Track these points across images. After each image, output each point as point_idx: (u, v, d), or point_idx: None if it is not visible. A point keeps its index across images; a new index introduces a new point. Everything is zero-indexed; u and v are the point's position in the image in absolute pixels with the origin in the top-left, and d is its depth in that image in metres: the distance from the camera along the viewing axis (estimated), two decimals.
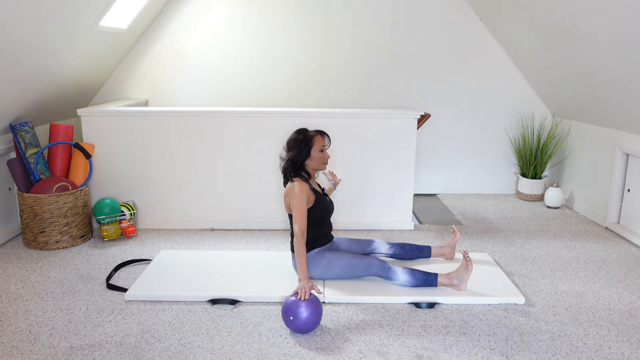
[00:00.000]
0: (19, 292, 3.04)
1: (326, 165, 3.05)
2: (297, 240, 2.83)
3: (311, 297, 2.61)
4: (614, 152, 4.17)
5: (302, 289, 2.62)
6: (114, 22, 4.20)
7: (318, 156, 2.99)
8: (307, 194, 2.92)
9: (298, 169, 3.00)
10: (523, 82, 5.14)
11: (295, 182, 2.96)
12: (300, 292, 2.60)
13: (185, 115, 4.04)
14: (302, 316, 2.53)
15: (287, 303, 2.59)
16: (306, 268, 2.77)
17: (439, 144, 5.28)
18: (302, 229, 2.85)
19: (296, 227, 2.85)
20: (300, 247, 2.82)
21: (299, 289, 2.63)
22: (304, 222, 2.87)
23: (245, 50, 5.09)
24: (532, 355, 2.42)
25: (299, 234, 2.84)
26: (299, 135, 3.00)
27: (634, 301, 2.97)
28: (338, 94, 5.16)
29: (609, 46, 3.44)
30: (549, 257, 3.62)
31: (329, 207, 3.13)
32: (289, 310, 2.56)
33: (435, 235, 4.06)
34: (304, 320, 2.53)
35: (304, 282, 2.67)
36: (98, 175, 4.10)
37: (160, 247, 3.77)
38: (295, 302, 2.56)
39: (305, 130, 3.03)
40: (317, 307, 2.59)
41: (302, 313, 2.53)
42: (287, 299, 2.63)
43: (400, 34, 5.04)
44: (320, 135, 3.02)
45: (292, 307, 2.56)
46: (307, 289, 2.63)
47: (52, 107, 4.27)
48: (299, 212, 2.87)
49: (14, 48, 3.22)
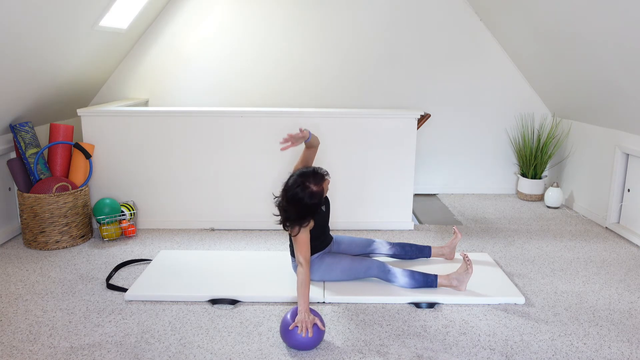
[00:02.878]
0: (19, 292, 3.04)
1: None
2: (301, 270, 2.59)
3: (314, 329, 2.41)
4: (614, 152, 4.17)
5: (303, 323, 2.39)
6: (114, 22, 4.20)
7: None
8: (308, 228, 2.69)
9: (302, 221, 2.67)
10: (523, 82, 5.14)
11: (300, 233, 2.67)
12: (300, 326, 2.38)
13: (185, 115, 4.04)
14: (302, 341, 2.38)
15: (285, 330, 2.42)
16: (308, 300, 2.48)
17: (439, 144, 5.28)
18: (307, 258, 2.61)
19: (300, 257, 2.61)
20: (304, 277, 2.55)
21: (298, 322, 2.39)
22: (308, 251, 2.65)
23: (245, 50, 5.09)
24: (532, 355, 2.42)
25: (304, 263, 2.59)
26: (305, 196, 2.62)
27: (634, 301, 2.97)
28: (338, 94, 5.16)
29: (609, 46, 3.44)
30: (549, 257, 3.62)
31: (326, 219, 3.05)
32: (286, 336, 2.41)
33: (435, 235, 4.06)
34: (303, 346, 2.40)
35: (304, 315, 2.41)
36: (98, 175, 4.10)
37: (160, 247, 3.77)
38: (294, 333, 2.38)
39: (311, 192, 2.63)
40: (317, 334, 2.41)
41: (301, 343, 2.39)
42: (284, 320, 2.45)
43: (400, 34, 5.04)
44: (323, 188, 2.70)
45: (291, 335, 2.39)
46: (309, 323, 2.39)
47: (52, 107, 4.27)
48: (303, 243, 2.64)
49: (14, 48, 3.22)
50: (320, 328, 2.42)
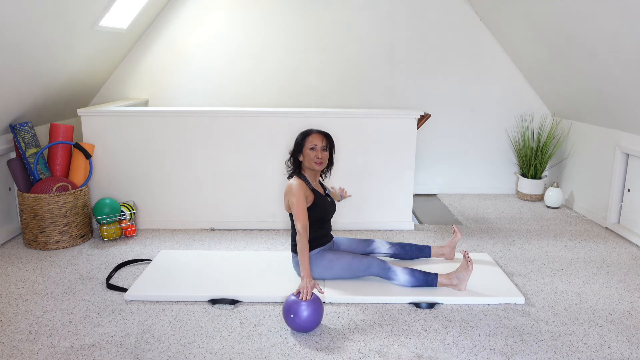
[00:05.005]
0: (19, 292, 3.04)
1: (319, 166, 2.98)
2: (300, 237, 2.80)
3: (313, 297, 2.59)
4: (614, 152, 4.17)
5: (305, 288, 2.59)
6: (114, 22, 4.20)
7: (308, 154, 2.98)
8: (304, 191, 2.92)
9: (297, 166, 3.04)
10: (523, 82, 5.14)
11: (293, 180, 2.98)
12: (302, 292, 2.58)
13: (185, 115, 4.04)
14: (303, 315, 2.52)
15: (289, 302, 2.59)
16: (309, 266, 2.75)
17: (439, 144, 5.28)
18: (305, 225, 2.84)
19: (298, 224, 2.83)
20: (303, 244, 2.79)
21: (300, 287, 2.61)
22: (306, 219, 2.86)
23: (245, 50, 5.09)
24: (532, 355, 2.42)
25: (302, 231, 2.81)
26: (301, 132, 3.06)
27: (634, 301, 2.97)
28: (338, 94, 5.16)
29: (609, 46, 3.44)
30: (549, 257, 3.62)
31: (328, 208, 3.11)
32: (290, 309, 2.56)
33: (435, 235, 4.06)
34: (305, 319, 2.53)
35: (306, 281, 2.64)
36: (98, 175, 4.10)
37: (160, 247, 3.77)
38: (297, 301, 2.55)
39: (310, 130, 3.05)
40: (319, 306, 2.59)
41: (303, 312, 2.53)
42: (288, 298, 2.62)
43: (400, 34, 5.04)
44: (317, 135, 3.01)
45: (293, 306, 2.55)
46: (309, 287, 2.60)
47: (52, 107, 4.27)
48: (299, 209, 2.87)
49: (14, 48, 3.22)
50: (319, 291, 2.66)
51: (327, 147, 3.03)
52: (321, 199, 3.05)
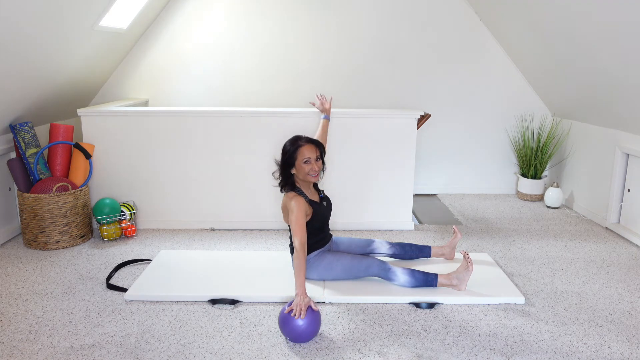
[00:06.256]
0: (19, 292, 3.04)
1: (316, 178, 2.89)
2: (297, 254, 2.69)
3: (307, 311, 2.48)
4: (614, 152, 4.17)
5: (298, 306, 2.47)
6: (114, 22, 4.20)
7: (302, 168, 2.85)
8: (304, 208, 2.83)
9: (289, 179, 2.92)
10: (523, 82, 5.14)
11: (290, 197, 2.86)
12: (296, 309, 2.46)
13: (185, 116, 4.04)
14: (299, 330, 2.44)
15: (282, 317, 2.49)
16: (304, 283, 2.60)
17: (439, 144, 5.28)
18: (303, 242, 2.73)
19: (296, 241, 2.73)
20: (300, 261, 2.67)
21: (294, 305, 2.49)
22: (304, 235, 2.76)
23: (245, 50, 5.09)
24: (532, 355, 2.42)
25: (299, 248, 2.70)
26: (289, 143, 2.90)
27: (634, 301, 2.97)
28: (338, 94, 5.15)
29: (609, 46, 3.44)
30: (549, 257, 3.62)
31: (326, 214, 3.08)
32: (284, 326, 2.47)
33: (435, 235, 4.06)
34: (300, 333, 2.45)
35: (300, 299, 2.51)
36: (98, 175, 4.10)
37: (160, 247, 3.77)
38: (291, 317, 2.46)
39: (298, 138, 2.90)
40: (314, 319, 2.49)
41: (298, 328, 2.44)
42: (282, 312, 2.51)
43: (400, 34, 5.04)
44: (308, 146, 2.86)
45: (288, 322, 2.46)
46: (303, 305, 2.48)
47: (52, 107, 4.27)
48: (298, 226, 2.77)
49: (14, 48, 3.22)
50: (314, 308, 2.50)
51: (320, 155, 2.92)
52: (319, 207, 2.98)
